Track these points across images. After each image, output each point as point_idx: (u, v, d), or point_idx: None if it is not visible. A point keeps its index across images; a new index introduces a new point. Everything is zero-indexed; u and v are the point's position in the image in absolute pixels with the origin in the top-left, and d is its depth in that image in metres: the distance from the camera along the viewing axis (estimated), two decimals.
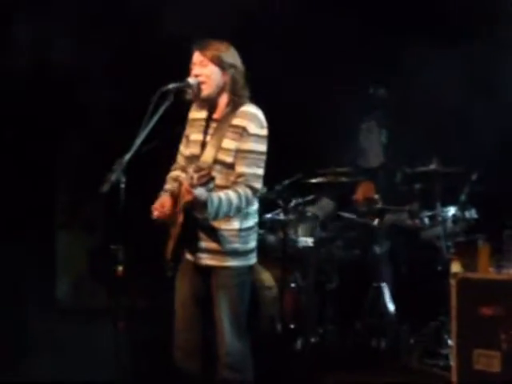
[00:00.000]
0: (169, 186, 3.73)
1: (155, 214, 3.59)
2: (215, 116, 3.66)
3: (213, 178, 3.35)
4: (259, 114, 3.59)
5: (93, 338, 4.89)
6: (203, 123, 3.68)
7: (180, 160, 3.81)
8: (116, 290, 3.57)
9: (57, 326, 4.91)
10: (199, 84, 3.61)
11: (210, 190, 3.37)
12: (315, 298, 5.41)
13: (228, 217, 3.52)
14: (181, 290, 3.69)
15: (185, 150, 3.76)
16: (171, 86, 3.56)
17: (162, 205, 3.58)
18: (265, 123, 3.60)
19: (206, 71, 3.60)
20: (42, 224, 5.83)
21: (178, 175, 3.72)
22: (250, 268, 3.66)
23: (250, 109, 3.59)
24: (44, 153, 5.81)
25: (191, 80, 3.61)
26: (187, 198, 3.35)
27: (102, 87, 5.80)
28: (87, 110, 5.83)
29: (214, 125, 3.64)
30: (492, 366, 4.38)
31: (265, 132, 3.59)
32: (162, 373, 4.67)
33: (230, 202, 3.44)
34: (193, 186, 3.33)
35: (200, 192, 3.33)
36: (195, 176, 3.35)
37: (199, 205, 3.38)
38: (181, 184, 3.48)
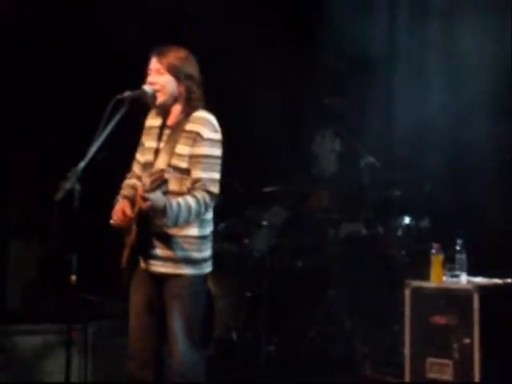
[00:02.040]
0: (125, 192, 3.69)
1: (115, 219, 3.54)
2: (169, 123, 3.65)
3: (165, 181, 3.32)
4: (212, 118, 3.59)
5: (43, 348, 4.82)
6: (157, 130, 3.67)
7: (136, 168, 3.77)
8: (69, 299, 3.52)
9: (6, 333, 4.83)
10: (155, 92, 3.59)
11: (164, 193, 3.34)
12: (270, 306, 5.40)
13: (186, 223, 3.50)
14: (135, 299, 3.64)
15: (140, 157, 3.74)
16: (127, 93, 3.53)
17: (122, 210, 3.53)
18: (218, 128, 3.59)
19: (161, 80, 3.59)
20: None
21: (135, 183, 3.69)
22: (205, 277, 3.63)
23: (203, 114, 3.58)
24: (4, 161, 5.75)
25: (147, 88, 3.59)
26: (143, 205, 3.32)
27: (57, 92, 5.74)
28: (41, 116, 5.77)
29: (167, 131, 3.63)
30: (444, 374, 4.43)
31: (219, 136, 3.58)
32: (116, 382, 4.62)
33: (188, 208, 3.42)
34: (147, 191, 3.30)
35: (157, 197, 3.31)
36: (148, 181, 3.33)
37: (158, 211, 3.35)
38: (137, 191, 3.45)
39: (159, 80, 3.58)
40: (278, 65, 6.10)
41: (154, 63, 3.60)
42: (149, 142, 3.68)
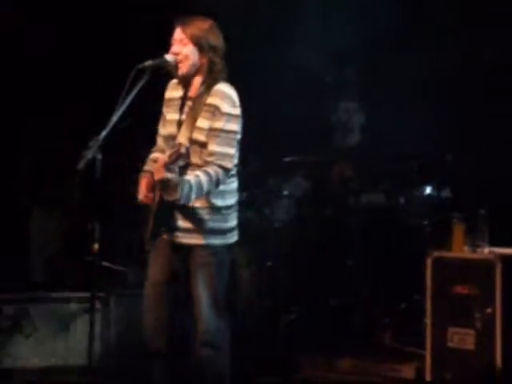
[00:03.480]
0: (148, 167, 3.70)
1: (141, 196, 3.55)
2: (190, 95, 3.63)
3: (182, 155, 3.32)
4: (232, 92, 3.57)
5: (67, 318, 4.87)
6: (179, 102, 3.66)
7: (159, 141, 3.77)
8: (91, 267, 3.55)
9: (30, 305, 4.88)
10: (176, 62, 3.58)
11: (180, 167, 3.35)
12: (291, 276, 5.42)
13: (207, 195, 3.51)
14: (155, 269, 3.65)
15: (162, 130, 3.74)
16: (148, 62, 3.53)
17: (147, 186, 3.53)
18: (237, 102, 3.57)
19: (184, 50, 3.57)
20: (15, 202, 5.78)
21: (158, 157, 3.69)
22: (230, 247, 3.66)
23: (224, 88, 3.57)
24: (20, 129, 5.77)
25: (168, 57, 3.58)
26: (157, 176, 3.33)
27: (80, 61, 5.74)
28: (62, 86, 5.78)
29: (189, 103, 3.62)
30: (466, 344, 4.43)
31: (237, 111, 3.57)
32: (133, 352, 4.67)
33: (200, 187, 3.42)
34: (166, 164, 3.31)
35: (172, 176, 3.31)
36: (167, 154, 3.34)
37: (170, 188, 3.36)
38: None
39: (183, 50, 3.57)
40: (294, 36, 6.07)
41: (178, 33, 3.59)
42: (170, 114, 3.68)
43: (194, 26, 3.57)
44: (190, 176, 3.43)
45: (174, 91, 3.70)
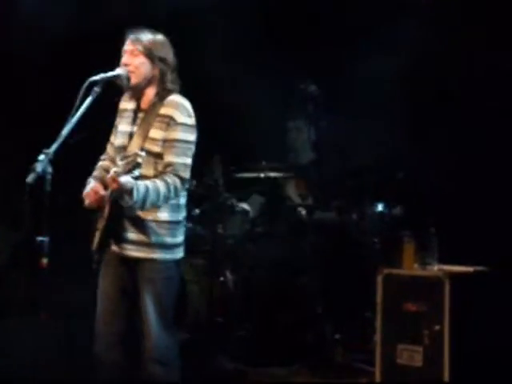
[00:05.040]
0: (97, 173, 3.69)
1: (87, 200, 3.52)
2: (143, 106, 3.65)
3: (138, 164, 3.32)
4: (186, 103, 3.59)
5: (15, 332, 4.80)
6: (131, 114, 3.67)
7: (110, 150, 3.77)
8: (40, 282, 3.51)
9: None
10: (128, 74, 3.58)
11: (135, 177, 3.34)
12: (243, 292, 5.41)
13: (157, 208, 3.50)
14: (105, 282, 3.63)
15: (114, 140, 3.73)
16: (100, 75, 3.53)
17: (94, 191, 3.51)
18: (192, 112, 3.59)
19: (135, 61, 3.59)
20: None
21: (109, 165, 3.67)
22: (178, 262, 3.64)
23: (177, 98, 3.59)
24: None
25: (120, 70, 3.59)
26: (112, 186, 3.32)
27: (30, 74, 5.70)
28: (12, 99, 5.72)
29: (141, 115, 3.63)
30: (414, 361, 4.46)
31: (192, 121, 3.58)
32: (84, 365, 4.61)
33: (157, 191, 3.42)
34: (119, 174, 3.30)
35: (126, 180, 3.31)
36: (121, 164, 3.32)
37: (125, 193, 3.35)
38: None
39: (133, 61, 3.58)
40: (252, 53, 6.09)
41: (129, 45, 3.61)
42: (122, 125, 3.68)
43: (144, 39, 3.60)
44: (147, 181, 3.42)
45: (127, 103, 3.71)
